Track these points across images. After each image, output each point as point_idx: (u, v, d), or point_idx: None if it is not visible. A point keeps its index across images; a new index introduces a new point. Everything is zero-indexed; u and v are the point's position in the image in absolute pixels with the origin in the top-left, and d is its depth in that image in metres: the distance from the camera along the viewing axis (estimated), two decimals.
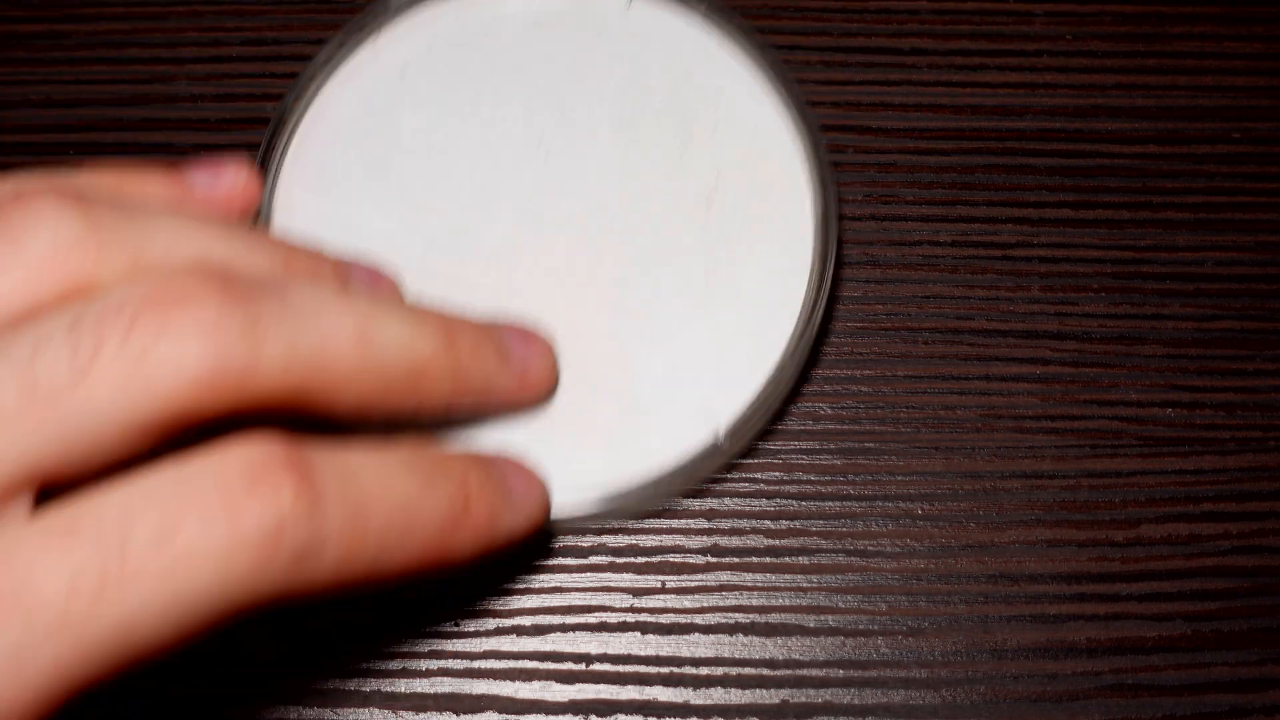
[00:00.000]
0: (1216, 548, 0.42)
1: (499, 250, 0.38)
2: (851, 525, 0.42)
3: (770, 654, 0.40)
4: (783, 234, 0.39)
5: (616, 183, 0.39)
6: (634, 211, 0.39)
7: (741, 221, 0.39)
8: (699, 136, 0.40)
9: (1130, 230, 0.46)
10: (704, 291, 0.38)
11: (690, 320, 0.38)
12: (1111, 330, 0.45)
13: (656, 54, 0.41)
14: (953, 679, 0.40)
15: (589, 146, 0.39)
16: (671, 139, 0.40)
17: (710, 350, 0.37)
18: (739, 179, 0.40)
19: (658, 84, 0.40)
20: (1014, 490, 0.42)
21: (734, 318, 0.38)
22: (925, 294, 0.45)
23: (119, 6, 0.49)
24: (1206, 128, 0.48)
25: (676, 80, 0.40)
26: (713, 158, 0.40)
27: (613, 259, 0.38)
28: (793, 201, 0.40)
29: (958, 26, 0.49)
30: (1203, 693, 0.40)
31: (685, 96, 0.40)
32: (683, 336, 0.38)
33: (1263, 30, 0.49)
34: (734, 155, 0.40)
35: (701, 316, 0.38)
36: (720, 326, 0.38)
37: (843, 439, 0.43)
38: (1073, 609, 0.41)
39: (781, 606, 0.41)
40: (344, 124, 0.40)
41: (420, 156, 0.39)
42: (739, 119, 0.40)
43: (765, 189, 0.40)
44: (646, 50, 0.41)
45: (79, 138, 0.47)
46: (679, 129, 0.40)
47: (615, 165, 0.40)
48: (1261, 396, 0.44)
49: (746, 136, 0.40)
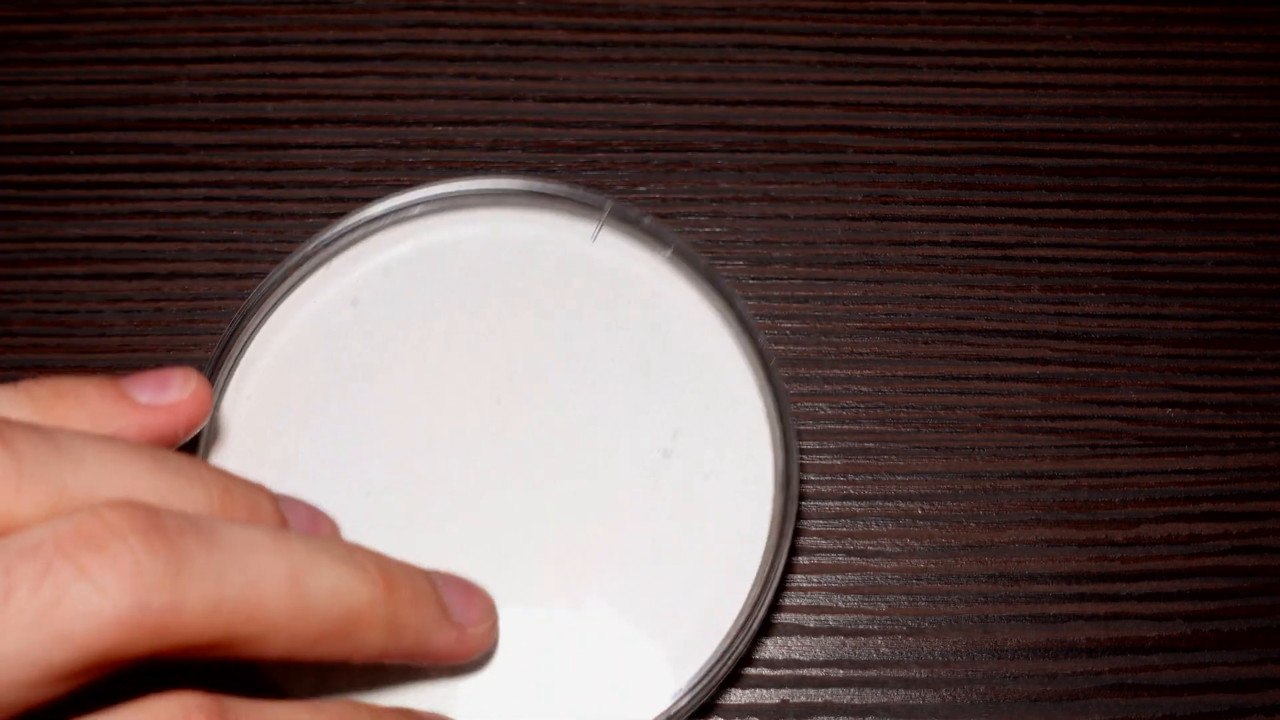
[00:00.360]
0: (1216, 548, 0.42)
1: (445, 496, 0.36)
2: (851, 525, 0.42)
3: (770, 654, 0.40)
4: (740, 495, 0.36)
5: (571, 432, 0.36)
6: (588, 463, 0.36)
7: (699, 478, 0.36)
8: (660, 385, 0.37)
9: (1130, 230, 0.46)
10: (656, 554, 0.36)
11: (640, 583, 0.35)
12: (1111, 330, 0.45)
13: (620, 295, 0.38)
14: (953, 679, 0.40)
15: (544, 392, 0.37)
16: (631, 386, 0.37)
17: (660, 616, 0.35)
18: (699, 433, 0.37)
19: (619, 326, 0.38)
20: (1014, 490, 0.42)
21: (686, 583, 0.35)
22: (925, 294, 0.45)
23: (119, 6, 0.49)
24: (1206, 128, 0.48)
25: (639, 323, 0.38)
26: (674, 409, 0.37)
27: (563, 513, 0.36)
28: (753, 463, 0.36)
29: (958, 26, 0.49)
30: (1203, 693, 0.40)
31: (647, 341, 0.38)
32: (631, 600, 0.35)
33: (1263, 30, 0.49)
34: (695, 407, 0.37)
35: (652, 580, 0.35)
36: (671, 591, 0.35)
37: (843, 439, 0.43)
38: (1073, 609, 0.41)
39: (781, 606, 0.41)
40: (292, 354, 0.38)
41: (368, 394, 0.37)
42: (703, 370, 0.37)
43: (725, 445, 0.37)
44: (609, 289, 0.38)
45: (79, 138, 0.47)
46: (639, 375, 0.37)
47: (571, 414, 0.36)
48: (1261, 396, 0.44)
49: (710, 388, 0.37)
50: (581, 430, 0.37)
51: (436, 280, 0.39)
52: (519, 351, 0.38)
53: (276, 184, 0.46)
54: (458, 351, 0.38)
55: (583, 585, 0.35)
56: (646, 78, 0.48)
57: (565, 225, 0.39)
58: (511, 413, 0.37)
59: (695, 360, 0.38)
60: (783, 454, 0.36)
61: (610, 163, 0.47)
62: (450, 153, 0.47)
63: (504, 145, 0.47)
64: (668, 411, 0.37)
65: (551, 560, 0.36)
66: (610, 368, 0.38)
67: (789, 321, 0.44)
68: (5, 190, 0.46)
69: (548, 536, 0.36)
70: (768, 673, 0.40)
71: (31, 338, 0.44)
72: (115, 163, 0.47)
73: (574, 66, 0.48)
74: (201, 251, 0.45)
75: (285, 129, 0.47)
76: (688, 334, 0.38)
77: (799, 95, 0.48)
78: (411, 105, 0.47)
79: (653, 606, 0.35)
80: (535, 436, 0.37)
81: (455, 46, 0.49)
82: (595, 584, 0.35)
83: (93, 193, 0.46)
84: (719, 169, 0.47)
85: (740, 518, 0.36)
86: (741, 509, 0.36)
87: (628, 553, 0.36)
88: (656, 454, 0.37)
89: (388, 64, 0.48)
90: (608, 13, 0.49)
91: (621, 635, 0.35)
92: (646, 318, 0.38)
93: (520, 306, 0.38)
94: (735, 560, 0.36)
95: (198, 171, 0.46)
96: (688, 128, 0.47)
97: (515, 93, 0.48)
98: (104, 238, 0.45)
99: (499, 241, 0.39)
